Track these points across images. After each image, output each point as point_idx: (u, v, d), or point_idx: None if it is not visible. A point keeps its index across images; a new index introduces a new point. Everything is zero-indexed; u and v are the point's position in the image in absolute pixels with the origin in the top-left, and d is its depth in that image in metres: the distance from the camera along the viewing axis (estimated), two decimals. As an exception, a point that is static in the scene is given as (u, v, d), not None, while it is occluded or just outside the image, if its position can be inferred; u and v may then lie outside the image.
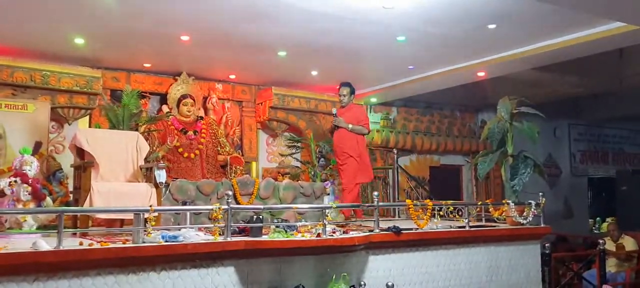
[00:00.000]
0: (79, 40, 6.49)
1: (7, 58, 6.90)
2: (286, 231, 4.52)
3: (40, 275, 3.55)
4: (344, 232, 4.79)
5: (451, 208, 5.59)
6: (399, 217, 7.75)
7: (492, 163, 6.47)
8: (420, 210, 5.37)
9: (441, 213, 5.60)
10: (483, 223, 6.26)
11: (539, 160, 6.75)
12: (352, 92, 6.78)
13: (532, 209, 5.97)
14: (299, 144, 8.67)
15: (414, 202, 5.50)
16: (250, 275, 4.30)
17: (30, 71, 7.01)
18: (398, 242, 5.03)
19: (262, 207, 4.98)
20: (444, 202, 5.68)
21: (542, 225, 6.17)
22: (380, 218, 5.08)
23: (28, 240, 3.95)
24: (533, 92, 8.05)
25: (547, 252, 6.38)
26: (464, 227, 5.62)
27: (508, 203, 6.00)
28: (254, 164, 9.05)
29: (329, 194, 6.79)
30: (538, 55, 7.01)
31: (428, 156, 10.98)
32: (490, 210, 6.02)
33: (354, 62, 7.68)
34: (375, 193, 5.18)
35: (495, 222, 6.25)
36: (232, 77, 8.64)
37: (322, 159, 7.80)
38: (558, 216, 11.55)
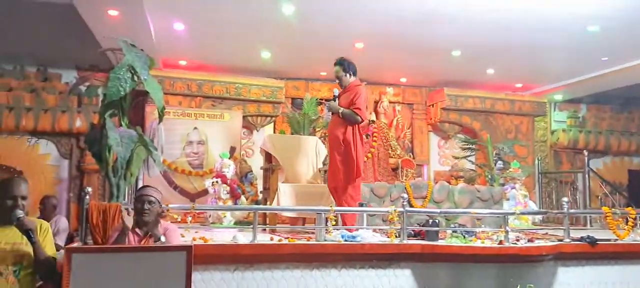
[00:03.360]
0: (266, 54, 7.14)
1: (209, 74, 7.91)
2: (464, 236, 4.37)
3: (239, 266, 3.95)
4: (529, 241, 4.46)
5: (659, 218, 4.84)
6: (591, 226, 6.96)
7: None
8: (620, 220, 4.74)
9: (646, 223, 4.88)
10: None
11: None
12: (346, 69, 5.25)
13: None
14: (473, 146, 8.34)
15: (613, 209, 4.88)
16: (427, 280, 4.24)
17: (226, 84, 7.93)
18: (593, 253, 4.51)
19: (438, 210, 4.88)
20: (649, 210, 4.94)
21: None
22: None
23: (226, 234, 4.45)
24: None
25: None
26: (676, 240, 4.82)
27: None
28: (425, 167, 8.94)
29: (508, 199, 6.40)
30: None
31: (626, 158, 9.67)
32: None
33: (536, 56, 7.12)
34: (565, 199, 4.73)
35: None
36: (403, 80, 8.67)
37: (499, 162, 7.38)
38: None
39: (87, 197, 3.65)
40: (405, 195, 4.43)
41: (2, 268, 2.83)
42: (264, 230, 5.08)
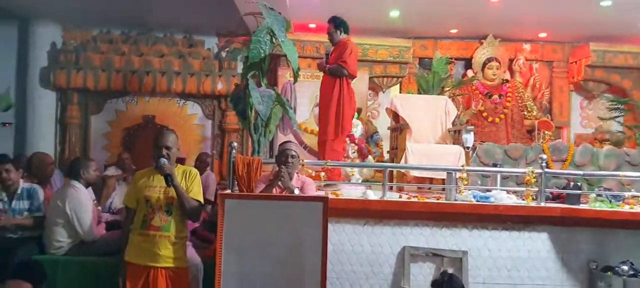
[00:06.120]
0: (394, 13, 7.07)
1: (336, 36, 8.04)
2: (611, 201, 4.06)
3: (369, 220, 4.09)
4: (688, 208, 4.02)
5: None
6: None
7: None
8: None
9: None
10: None
11: None
12: (338, 26, 5.32)
13: None
14: (622, 107, 7.57)
15: None
16: (567, 244, 4.04)
17: (354, 46, 8.00)
18: None
19: (581, 173, 4.57)
20: None
21: None
22: None
23: (355, 191, 4.60)
24: None
25: None
26: None
27: None
28: (564, 129, 8.34)
29: (664, 164, 5.77)
30: None
31: None
32: None
33: None
34: None
35: None
36: (542, 35, 8.07)
37: (654, 123, 6.64)
38: None
39: (234, 151, 4.00)
40: (544, 156, 4.19)
41: (156, 208, 3.24)
42: (391, 188, 5.15)
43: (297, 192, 3.60)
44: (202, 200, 3.37)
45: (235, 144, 4.10)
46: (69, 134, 7.79)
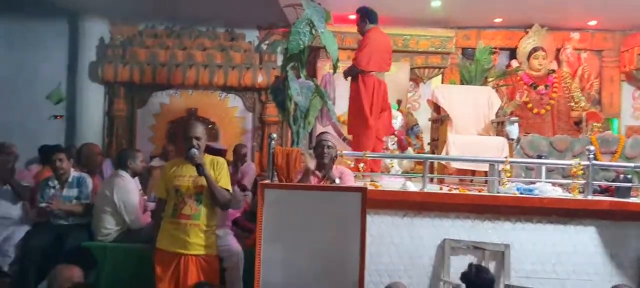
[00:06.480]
0: (436, 3, 6.94)
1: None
2: (666, 195, 3.89)
3: (408, 212, 4.06)
4: None
5: None
6: None
7: None
8: None
9: None
10: None
11: None
12: (363, 16, 5.27)
13: None
14: (679, 97, 7.21)
15: None
16: (616, 239, 3.91)
17: (394, 36, 7.82)
18: None
19: (631, 165, 4.39)
20: None
21: None
22: None
23: (394, 182, 4.57)
24: None
25: None
26: None
27: None
28: (614, 121, 8.00)
29: None
30: None
31: None
32: None
33: None
34: None
35: None
36: (592, 23, 7.75)
37: None
38: None
39: (273, 142, 4.04)
40: (592, 148, 4.05)
41: (186, 197, 3.35)
42: (431, 180, 5.09)
43: (338, 182, 3.61)
44: (230, 189, 3.48)
45: (275, 136, 4.13)
46: (116, 126, 8.06)
